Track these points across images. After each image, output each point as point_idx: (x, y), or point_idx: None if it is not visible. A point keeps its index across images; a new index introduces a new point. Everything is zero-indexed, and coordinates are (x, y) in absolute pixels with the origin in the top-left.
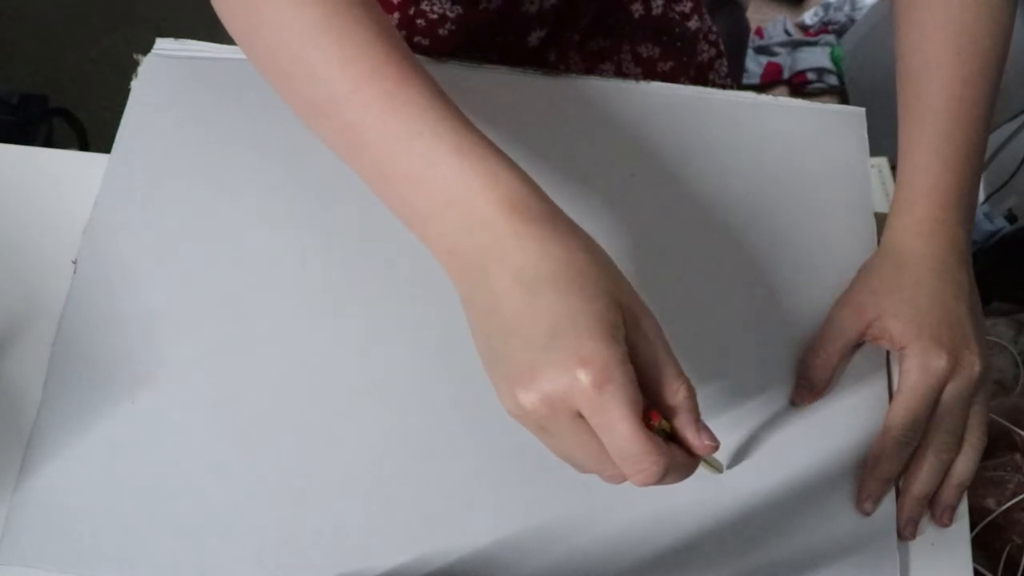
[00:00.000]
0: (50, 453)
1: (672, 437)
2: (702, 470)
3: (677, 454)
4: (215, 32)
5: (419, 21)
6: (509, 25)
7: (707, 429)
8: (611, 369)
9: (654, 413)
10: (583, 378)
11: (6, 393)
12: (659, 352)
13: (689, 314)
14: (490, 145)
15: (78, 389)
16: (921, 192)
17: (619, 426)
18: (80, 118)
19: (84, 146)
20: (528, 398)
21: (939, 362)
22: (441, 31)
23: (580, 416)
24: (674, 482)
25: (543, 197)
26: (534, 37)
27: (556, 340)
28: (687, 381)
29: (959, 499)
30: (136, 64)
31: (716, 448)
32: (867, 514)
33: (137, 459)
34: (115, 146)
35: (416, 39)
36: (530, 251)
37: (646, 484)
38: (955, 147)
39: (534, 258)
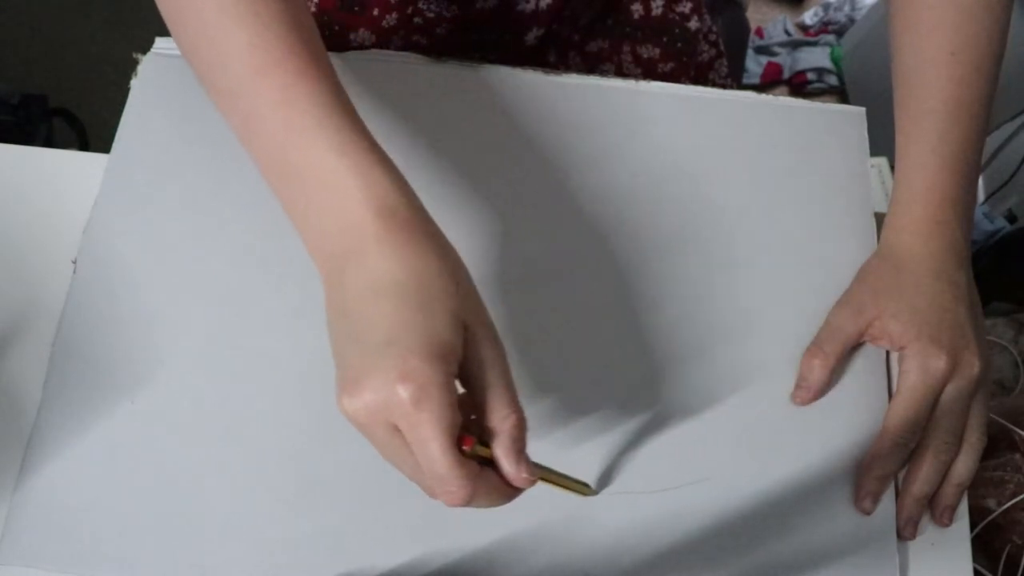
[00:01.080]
0: (50, 453)
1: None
2: (567, 493)
3: (491, 480)
4: None
5: (416, 20)
6: (506, 24)
7: (527, 462)
8: (429, 388)
9: (467, 438)
10: (402, 393)
11: (6, 393)
12: (494, 378)
13: (689, 313)
14: (373, 147)
15: (78, 389)
16: (919, 192)
17: (430, 445)
18: (80, 118)
19: (84, 146)
20: (352, 404)
21: (938, 362)
22: (439, 30)
23: (398, 429)
24: (488, 506)
25: (415, 204)
26: (531, 36)
27: (386, 350)
28: (518, 412)
29: (959, 499)
30: (136, 63)
31: (531, 483)
32: (867, 513)
33: (137, 459)
34: (115, 146)
35: (414, 38)
36: (387, 257)
37: (453, 505)
38: (952, 147)
39: (389, 265)
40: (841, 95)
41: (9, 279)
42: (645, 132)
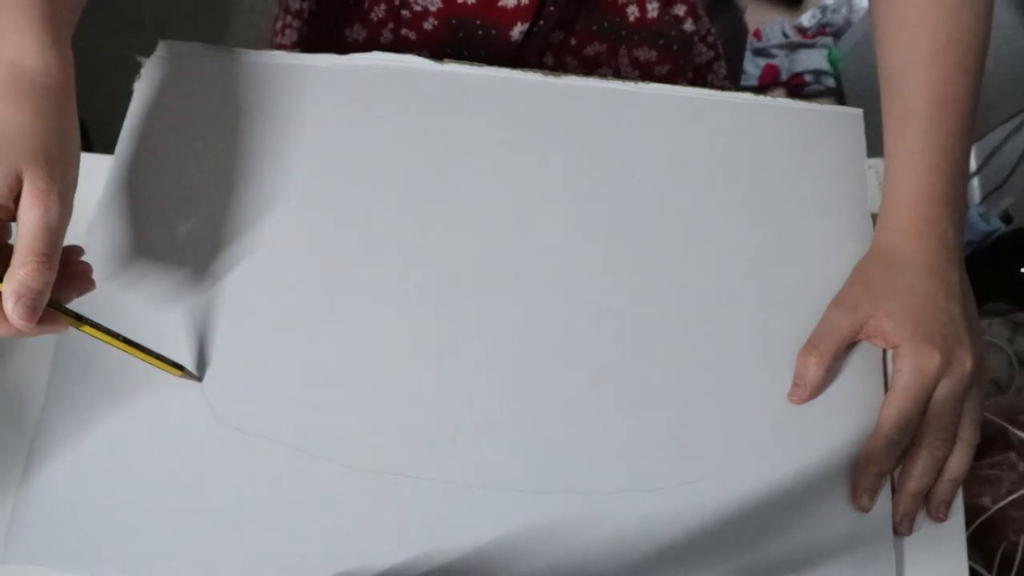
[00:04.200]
0: (54, 452)
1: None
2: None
3: None
4: (218, 34)
5: (404, 12)
6: (490, 18)
7: (29, 309)
8: None
9: None
10: None
11: (10, 392)
12: (29, 231)
13: (688, 314)
14: (42, 15)
15: (81, 388)
16: (907, 192)
17: None
18: (82, 119)
19: (87, 147)
20: None
21: (931, 360)
22: (426, 24)
23: None
24: None
25: (51, 72)
26: (516, 32)
27: None
28: (39, 264)
29: (954, 494)
30: (139, 65)
31: (28, 327)
32: (864, 510)
33: (139, 458)
34: (118, 147)
35: (403, 31)
36: None
37: None
38: (939, 145)
39: None
40: (838, 97)
41: None
42: (644, 134)
